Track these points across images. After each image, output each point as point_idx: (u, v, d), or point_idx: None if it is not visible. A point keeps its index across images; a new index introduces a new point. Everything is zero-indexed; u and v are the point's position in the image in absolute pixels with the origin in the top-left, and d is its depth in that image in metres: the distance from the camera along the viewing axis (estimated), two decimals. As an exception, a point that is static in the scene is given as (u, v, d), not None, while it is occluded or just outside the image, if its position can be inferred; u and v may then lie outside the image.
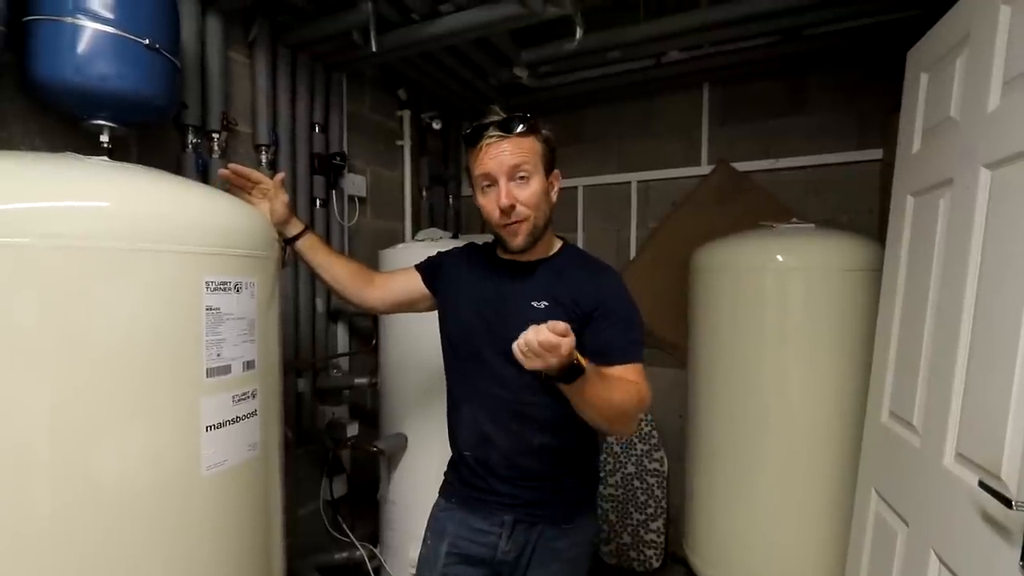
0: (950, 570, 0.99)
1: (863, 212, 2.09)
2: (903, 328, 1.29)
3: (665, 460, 2.38)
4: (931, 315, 1.14)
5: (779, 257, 1.68)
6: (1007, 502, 0.80)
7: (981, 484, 0.87)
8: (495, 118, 1.01)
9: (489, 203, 1.04)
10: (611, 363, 1.00)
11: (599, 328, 1.04)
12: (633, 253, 2.53)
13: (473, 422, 1.12)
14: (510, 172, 1.01)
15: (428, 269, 1.26)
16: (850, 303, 1.61)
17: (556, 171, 1.10)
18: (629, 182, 2.54)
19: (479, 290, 1.14)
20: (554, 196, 1.10)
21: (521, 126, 1.01)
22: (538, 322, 0.98)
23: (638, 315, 1.08)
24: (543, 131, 1.06)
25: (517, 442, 1.09)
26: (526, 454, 1.09)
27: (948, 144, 1.15)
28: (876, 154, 2.05)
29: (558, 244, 1.16)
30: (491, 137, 1.01)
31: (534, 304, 1.06)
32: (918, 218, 1.27)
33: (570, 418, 1.02)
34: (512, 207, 1.01)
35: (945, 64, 1.19)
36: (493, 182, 1.02)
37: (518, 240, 1.05)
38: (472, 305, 1.13)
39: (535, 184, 1.03)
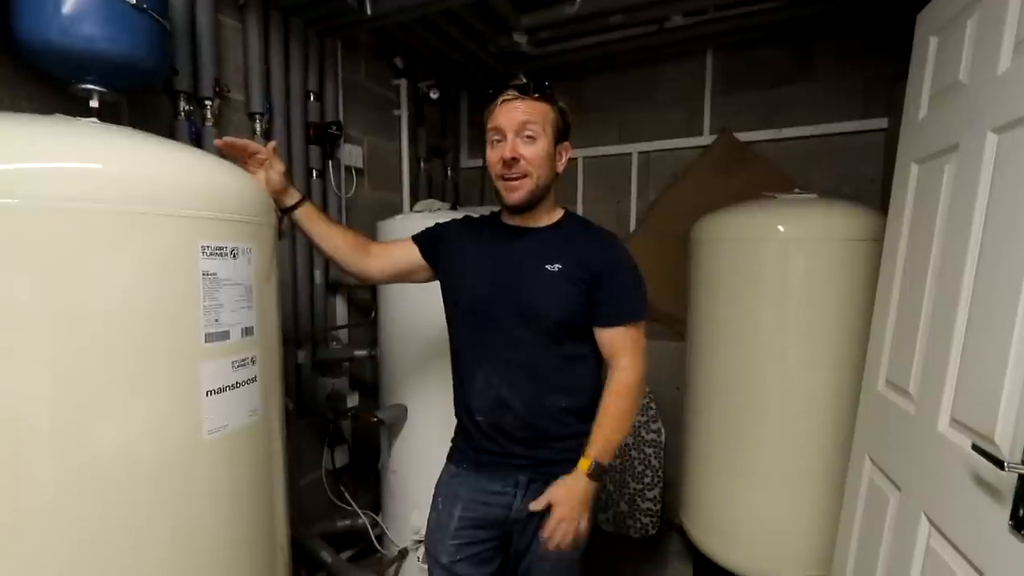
0: (940, 532, 1.01)
1: (866, 182, 2.07)
2: (902, 296, 1.29)
3: (663, 431, 2.41)
4: (931, 282, 1.14)
5: (780, 228, 1.67)
6: (999, 463, 0.81)
7: (974, 447, 0.88)
8: (517, 82, 1.09)
9: (495, 155, 1.09)
10: (621, 322, 1.11)
11: (610, 291, 1.11)
12: (633, 225, 2.52)
13: (487, 387, 1.14)
14: (518, 128, 1.07)
15: (426, 240, 1.26)
16: (851, 273, 1.61)
17: (567, 143, 1.15)
18: (630, 153, 2.51)
19: (489, 257, 1.16)
20: (560, 166, 1.14)
21: (536, 91, 1.08)
22: (554, 284, 1.10)
23: (640, 274, 1.15)
24: (559, 102, 1.11)
25: (532, 404, 1.12)
26: (541, 415, 1.13)
27: (955, 109, 1.12)
28: (881, 123, 2.03)
29: (560, 212, 1.20)
30: (508, 95, 1.08)
31: (548, 267, 1.11)
32: (922, 186, 1.26)
33: (582, 379, 1.14)
34: (515, 160, 1.06)
35: (955, 26, 1.16)
36: (503, 136, 1.08)
37: (515, 195, 1.09)
38: (483, 272, 1.15)
39: (541, 145, 1.08)
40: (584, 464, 1.08)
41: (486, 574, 1.19)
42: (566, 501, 1.06)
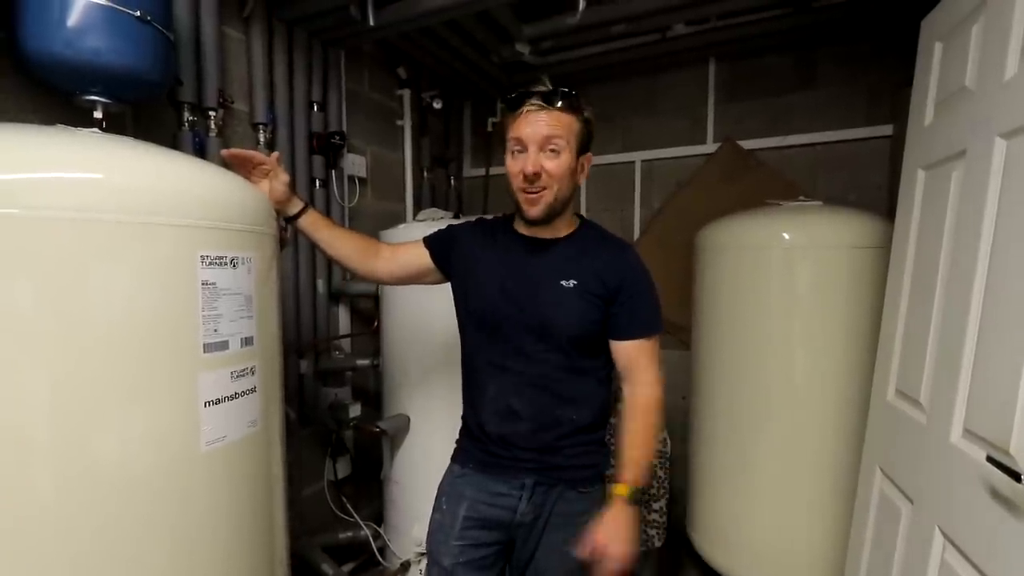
0: (955, 546, 0.99)
1: (872, 189, 2.05)
2: (911, 305, 1.27)
3: (668, 441, 2.38)
4: (940, 290, 1.12)
5: (785, 235, 1.65)
6: (1016, 476, 0.79)
7: (989, 459, 0.86)
8: (541, 88, 1.03)
9: (515, 167, 1.05)
10: (640, 335, 1.11)
11: (626, 306, 1.10)
12: (637, 233, 2.51)
13: (497, 398, 1.13)
14: (542, 142, 1.02)
15: (438, 244, 1.24)
16: (857, 281, 1.59)
17: (589, 154, 1.11)
18: (633, 161, 2.50)
19: (503, 266, 1.14)
20: (581, 178, 1.12)
21: (562, 101, 1.02)
22: (569, 300, 1.08)
23: (654, 286, 1.15)
24: (585, 112, 1.06)
25: (541, 416, 1.11)
26: (550, 428, 1.11)
27: (962, 114, 1.11)
28: (886, 130, 2.01)
29: (577, 222, 1.18)
30: (532, 105, 1.02)
31: (563, 283, 1.08)
32: (929, 192, 1.24)
33: (592, 392, 1.13)
34: (537, 175, 1.03)
35: (960, 32, 1.15)
36: (524, 148, 1.04)
37: (535, 209, 1.06)
38: (497, 282, 1.13)
39: (564, 159, 1.04)
40: (623, 490, 1.04)
41: None
42: (617, 538, 1.01)
